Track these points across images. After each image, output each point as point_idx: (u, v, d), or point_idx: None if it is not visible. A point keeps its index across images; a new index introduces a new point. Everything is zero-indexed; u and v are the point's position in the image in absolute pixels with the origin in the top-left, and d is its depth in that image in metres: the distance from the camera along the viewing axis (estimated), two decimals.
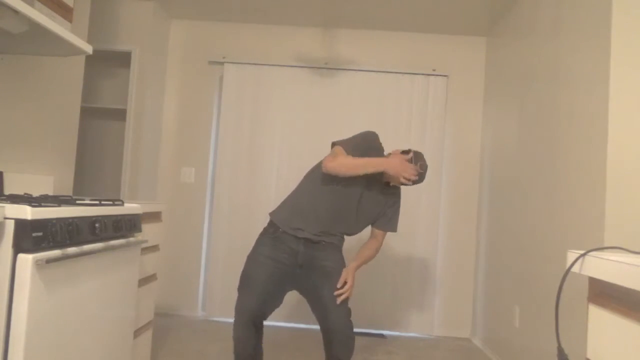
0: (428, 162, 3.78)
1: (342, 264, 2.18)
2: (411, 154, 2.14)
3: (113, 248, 1.64)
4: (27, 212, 1.24)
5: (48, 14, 1.78)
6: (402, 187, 2.23)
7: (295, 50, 3.79)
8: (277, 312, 2.31)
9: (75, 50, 1.92)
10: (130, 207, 1.82)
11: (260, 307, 2.12)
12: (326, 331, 2.09)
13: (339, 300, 2.05)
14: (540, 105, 2.63)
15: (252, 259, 2.17)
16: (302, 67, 3.74)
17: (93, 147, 3.68)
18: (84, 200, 1.76)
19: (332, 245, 2.17)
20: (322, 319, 2.10)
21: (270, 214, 2.24)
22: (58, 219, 1.35)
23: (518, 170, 2.91)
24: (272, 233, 2.17)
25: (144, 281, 2.14)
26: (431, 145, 3.67)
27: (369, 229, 2.28)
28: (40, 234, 1.27)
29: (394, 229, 2.26)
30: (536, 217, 2.60)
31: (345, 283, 2.09)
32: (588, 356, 1.03)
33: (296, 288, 2.19)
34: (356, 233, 2.25)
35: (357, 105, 3.71)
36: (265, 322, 2.20)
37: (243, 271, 2.17)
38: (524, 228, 2.76)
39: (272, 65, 3.74)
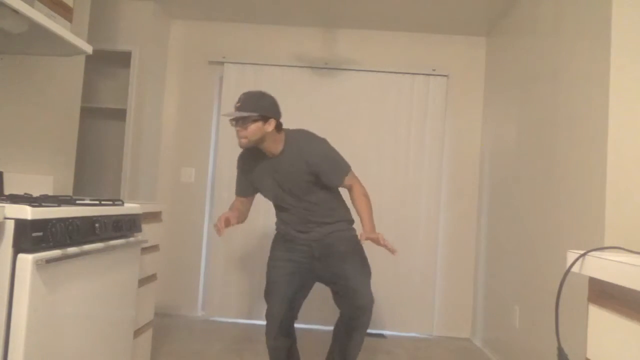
0: (428, 161, 3.80)
1: (355, 242, 2.22)
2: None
3: (113, 248, 1.64)
4: (27, 212, 1.24)
5: (48, 14, 1.78)
6: (321, 142, 2.18)
7: (295, 50, 3.79)
8: None
9: (75, 50, 1.93)
10: (130, 207, 1.82)
11: (287, 309, 2.21)
12: (355, 308, 2.12)
13: (394, 253, 2.03)
14: (540, 105, 2.63)
15: (271, 265, 2.27)
16: (302, 67, 3.73)
17: (93, 147, 3.67)
18: (84, 200, 1.76)
19: (339, 232, 2.23)
20: (351, 299, 2.13)
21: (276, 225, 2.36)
22: (58, 219, 1.35)
23: (518, 170, 2.91)
24: (283, 236, 2.29)
25: (144, 281, 2.14)
26: (431, 145, 3.67)
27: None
28: (40, 234, 1.27)
29: (342, 172, 2.19)
30: (536, 217, 2.59)
31: (383, 243, 2.07)
32: (588, 356, 1.03)
33: (319, 279, 2.26)
34: (310, 197, 2.19)
35: (357, 105, 3.71)
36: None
37: (267, 279, 2.26)
38: (523, 228, 2.76)
39: (272, 65, 3.73)
